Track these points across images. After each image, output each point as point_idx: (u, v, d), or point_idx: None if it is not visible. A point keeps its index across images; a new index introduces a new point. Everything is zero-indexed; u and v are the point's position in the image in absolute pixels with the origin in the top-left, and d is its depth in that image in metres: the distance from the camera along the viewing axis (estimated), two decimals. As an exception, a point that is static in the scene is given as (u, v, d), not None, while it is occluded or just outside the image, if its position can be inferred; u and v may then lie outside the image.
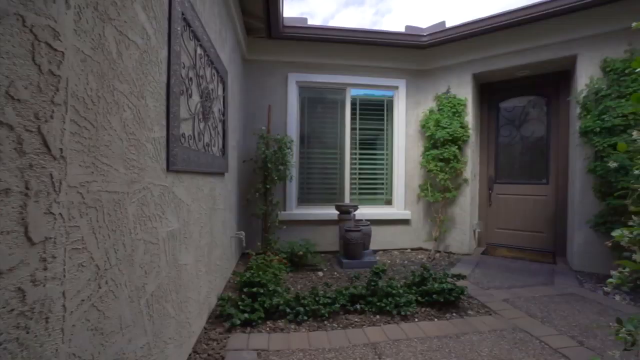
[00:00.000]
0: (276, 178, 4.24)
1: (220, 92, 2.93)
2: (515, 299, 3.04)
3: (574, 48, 3.97)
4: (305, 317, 2.60)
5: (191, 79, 2.00)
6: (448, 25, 4.61)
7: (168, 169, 1.61)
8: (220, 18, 2.88)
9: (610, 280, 1.26)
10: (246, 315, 2.50)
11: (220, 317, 2.55)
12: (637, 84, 3.51)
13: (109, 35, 1.05)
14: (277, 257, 3.85)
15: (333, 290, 2.95)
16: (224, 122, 3.07)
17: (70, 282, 0.88)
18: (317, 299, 2.74)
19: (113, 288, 1.10)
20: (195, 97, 2.13)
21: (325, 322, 2.60)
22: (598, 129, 3.61)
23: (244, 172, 4.41)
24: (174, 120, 1.67)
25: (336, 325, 2.54)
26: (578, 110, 3.90)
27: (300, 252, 4.00)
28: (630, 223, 1.30)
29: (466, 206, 4.71)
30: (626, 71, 3.58)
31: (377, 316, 2.71)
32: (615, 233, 1.33)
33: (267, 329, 2.47)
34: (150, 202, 1.41)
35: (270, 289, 2.78)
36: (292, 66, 4.74)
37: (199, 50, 2.16)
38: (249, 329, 2.44)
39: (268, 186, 4.25)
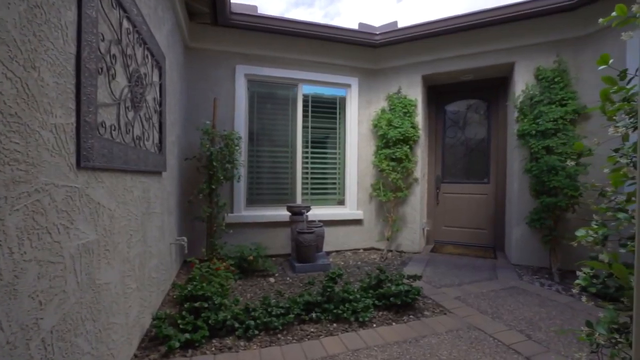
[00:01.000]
0: (222, 178, 3.88)
1: (155, 78, 2.54)
2: (466, 296, 3.11)
3: (512, 56, 4.24)
4: (257, 332, 2.34)
5: (115, 56, 1.63)
6: (400, 26, 4.64)
7: (79, 166, 1.26)
8: (155, -7, 2.49)
9: (577, 282, 1.23)
10: (187, 335, 2.16)
11: (155, 340, 2.19)
12: (564, 92, 3.84)
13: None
14: (224, 264, 3.52)
15: (286, 299, 2.73)
16: (160, 114, 2.68)
17: None
18: (269, 309, 2.50)
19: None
20: (121, 80, 1.76)
21: (279, 335, 2.37)
22: (534, 132, 3.87)
23: (186, 171, 3.98)
24: (89, 104, 1.32)
25: (291, 338, 2.33)
26: (516, 114, 4.16)
27: (250, 257, 3.71)
28: (594, 223, 1.29)
29: (416, 205, 4.80)
30: (555, 79, 3.89)
31: (335, 324, 2.55)
32: (580, 233, 1.31)
33: (213, 349, 2.17)
34: (50, 208, 1.06)
35: (216, 302, 2.47)
36: (240, 58, 4.41)
37: (126, 24, 1.79)
38: (190, 351, 2.12)
39: (213, 186, 3.87)
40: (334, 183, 5.07)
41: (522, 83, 4.14)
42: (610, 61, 1.24)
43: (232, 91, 4.37)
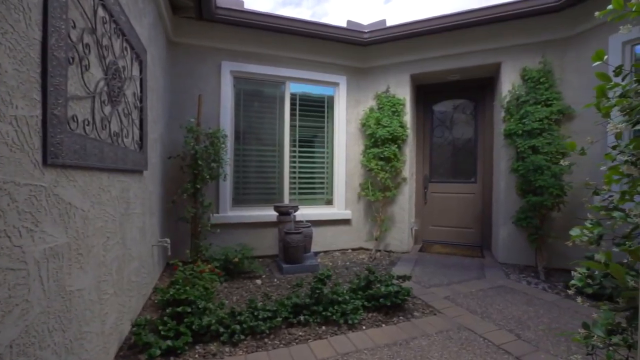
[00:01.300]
0: (208, 177, 3.76)
1: (135, 72, 2.41)
2: (455, 296, 3.09)
3: (499, 56, 4.27)
4: (242, 337, 2.26)
5: (88, 46, 1.52)
6: (388, 24, 4.61)
7: (45, 163, 1.15)
8: (135, -18, 2.37)
9: (572, 282, 1.20)
10: (169, 342, 2.06)
11: (135, 348, 2.07)
12: (549, 92, 3.89)
13: None
14: (208, 266, 3.40)
15: (273, 301, 2.65)
16: (141, 110, 2.56)
17: None
18: (255, 313, 2.42)
19: None
20: (96, 72, 1.65)
21: (266, 339, 2.29)
22: (520, 132, 3.91)
23: (169, 170, 3.84)
24: (57, 95, 1.21)
25: (278, 343, 2.25)
26: (502, 114, 4.19)
27: (236, 259, 3.60)
28: (588, 222, 1.27)
29: (405, 205, 4.79)
30: (541, 80, 3.94)
31: (323, 327, 2.49)
32: (574, 232, 1.28)
33: (196, 355, 2.07)
34: (9, 210, 0.96)
35: (200, 306, 2.37)
36: (226, 54, 4.29)
37: (101, 12, 1.68)
38: (172, 358, 2.02)
39: (198, 186, 3.74)
40: (322, 182, 5.01)
41: (509, 83, 4.18)
42: (605, 57, 1.21)
43: (217, 88, 4.25)
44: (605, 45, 3.48)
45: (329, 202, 5.00)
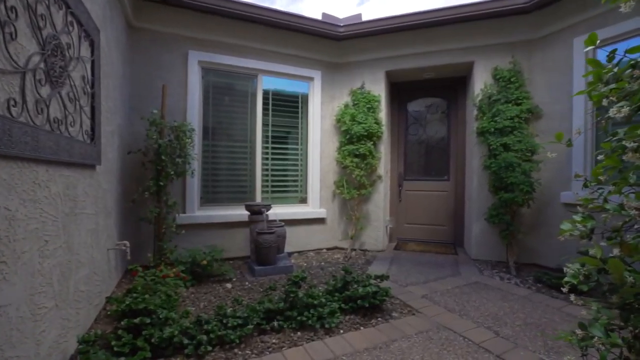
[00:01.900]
0: (173, 173, 3.47)
1: (85, 53, 2.13)
2: (432, 294, 3.04)
3: (471, 55, 4.31)
4: (210, 347, 2.04)
5: (14, 9, 1.26)
6: (364, 19, 4.53)
7: (-53, 148, 0.90)
8: (83, -50, 2.08)
9: (566, 280, 1.13)
10: (123, 359, 1.81)
11: (81, 368, 1.80)
12: (519, 92, 3.97)
13: None
14: (173, 270, 3.13)
15: (245, 307, 2.45)
16: (93, 97, 2.27)
17: None
18: (224, 321, 2.21)
19: None
20: (28, 44, 1.38)
21: (236, 349, 2.09)
22: (492, 129, 3.95)
23: (130, 166, 3.51)
24: (-34, 64, 0.96)
25: (250, 352, 2.06)
26: (475, 112, 4.23)
27: (204, 261, 3.35)
28: (579, 216, 1.20)
29: (380, 203, 4.73)
30: (512, 79, 4.01)
31: (299, 333, 2.33)
32: (565, 226, 1.21)
33: (156, 372, 1.84)
34: None
35: (162, 316, 2.13)
36: (194, 43, 4.00)
37: (35, -26, 1.42)
38: (127, 378, 1.78)
39: (162, 183, 3.44)
40: (296, 180, 4.84)
41: (481, 82, 4.23)
42: (598, 42, 1.15)
43: (183, 79, 3.96)
44: (570, 47, 3.60)
45: (303, 200, 4.84)
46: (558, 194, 3.67)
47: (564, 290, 1.14)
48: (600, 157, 1.09)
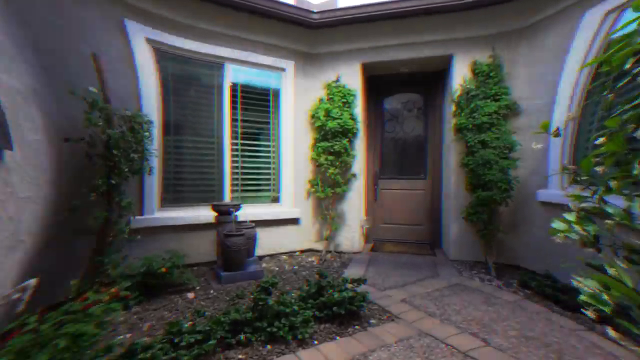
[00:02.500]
0: (127, 170, 3.07)
1: None
2: (412, 298, 2.86)
3: (450, 48, 4.20)
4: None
5: None
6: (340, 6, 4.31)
7: None
8: None
9: (582, 298, 0.92)
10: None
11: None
12: (497, 87, 3.89)
13: None
14: (110, 291, 2.57)
15: (207, 319, 2.15)
16: None
17: None
18: (177, 340, 1.89)
19: None
20: None
21: (191, 372, 1.79)
22: (470, 126, 3.86)
23: (69, 158, 2.84)
24: None
25: (208, 375, 1.77)
26: (453, 108, 4.13)
27: (164, 269, 2.98)
28: (567, 216, 1.02)
29: (355, 202, 4.53)
30: (491, 74, 3.93)
31: (268, 346, 2.06)
32: (557, 225, 1.03)
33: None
34: None
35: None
36: (134, 13, 3.42)
37: None
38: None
39: (115, 182, 3.02)
40: (268, 179, 4.54)
41: (460, 77, 4.13)
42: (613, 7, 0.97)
43: (126, 55, 3.40)
44: (559, 35, 3.36)
45: (275, 199, 4.55)
46: (534, 192, 3.61)
47: (590, 315, 0.93)
48: (600, 140, 0.91)
